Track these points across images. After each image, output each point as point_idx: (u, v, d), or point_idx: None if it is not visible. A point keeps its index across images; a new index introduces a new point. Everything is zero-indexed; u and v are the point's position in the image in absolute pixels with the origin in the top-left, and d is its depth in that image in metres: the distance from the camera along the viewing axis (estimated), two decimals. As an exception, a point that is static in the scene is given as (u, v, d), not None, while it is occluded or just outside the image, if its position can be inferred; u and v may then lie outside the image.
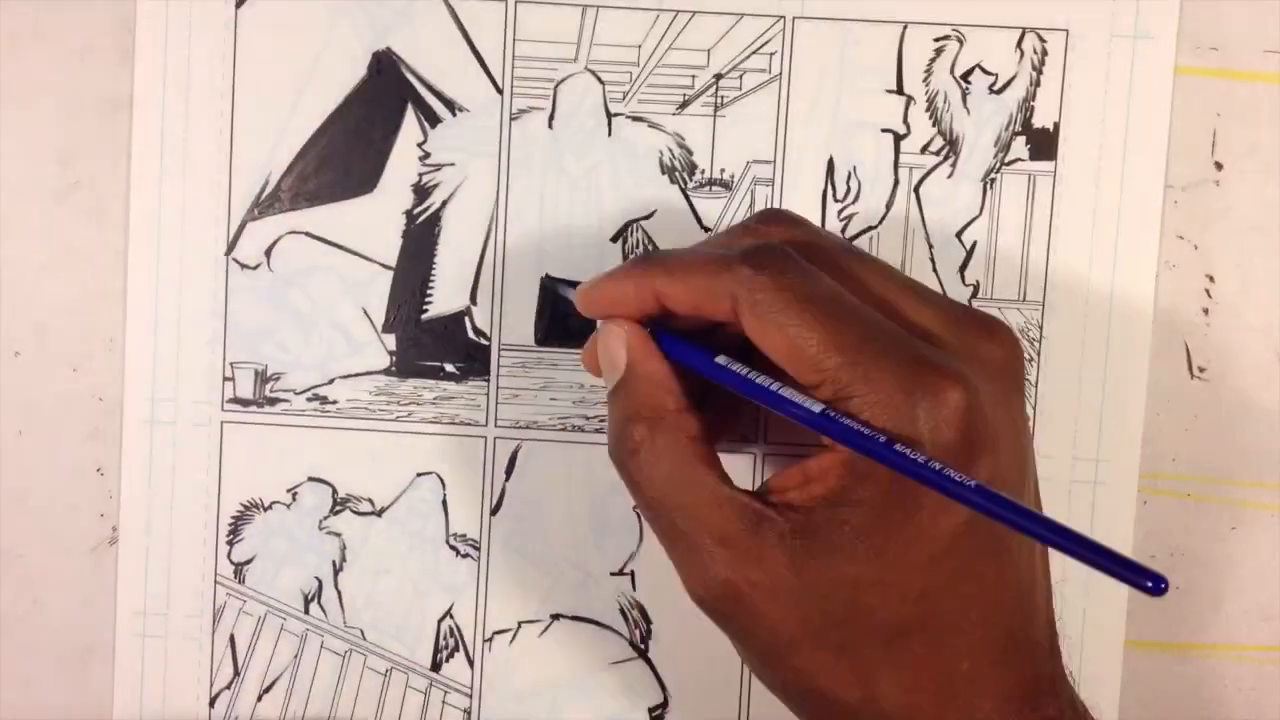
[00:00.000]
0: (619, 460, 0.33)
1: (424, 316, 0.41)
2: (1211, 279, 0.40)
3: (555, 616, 0.42)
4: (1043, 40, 0.40)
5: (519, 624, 0.42)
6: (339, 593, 0.41)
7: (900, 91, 0.40)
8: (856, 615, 0.30)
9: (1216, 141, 0.40)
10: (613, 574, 0.41)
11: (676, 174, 0.41)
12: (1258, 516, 0.41)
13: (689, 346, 0.33)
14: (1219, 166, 0.40)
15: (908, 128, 0.40)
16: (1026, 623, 0.31)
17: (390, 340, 0.41)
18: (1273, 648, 0.41)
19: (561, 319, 0.41)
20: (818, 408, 0.30)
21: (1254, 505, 0.41)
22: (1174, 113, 0.40)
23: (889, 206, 0.41)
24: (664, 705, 0.42)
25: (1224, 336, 0.41)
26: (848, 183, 0.40)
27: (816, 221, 0.40)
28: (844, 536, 0.30)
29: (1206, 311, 0.40)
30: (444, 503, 0.41)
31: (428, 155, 0.41)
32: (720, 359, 0.32)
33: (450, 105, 0.40)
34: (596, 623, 0.41)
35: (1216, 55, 0.40)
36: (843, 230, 0.41)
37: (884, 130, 0.40)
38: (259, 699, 0.42)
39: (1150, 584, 0.25)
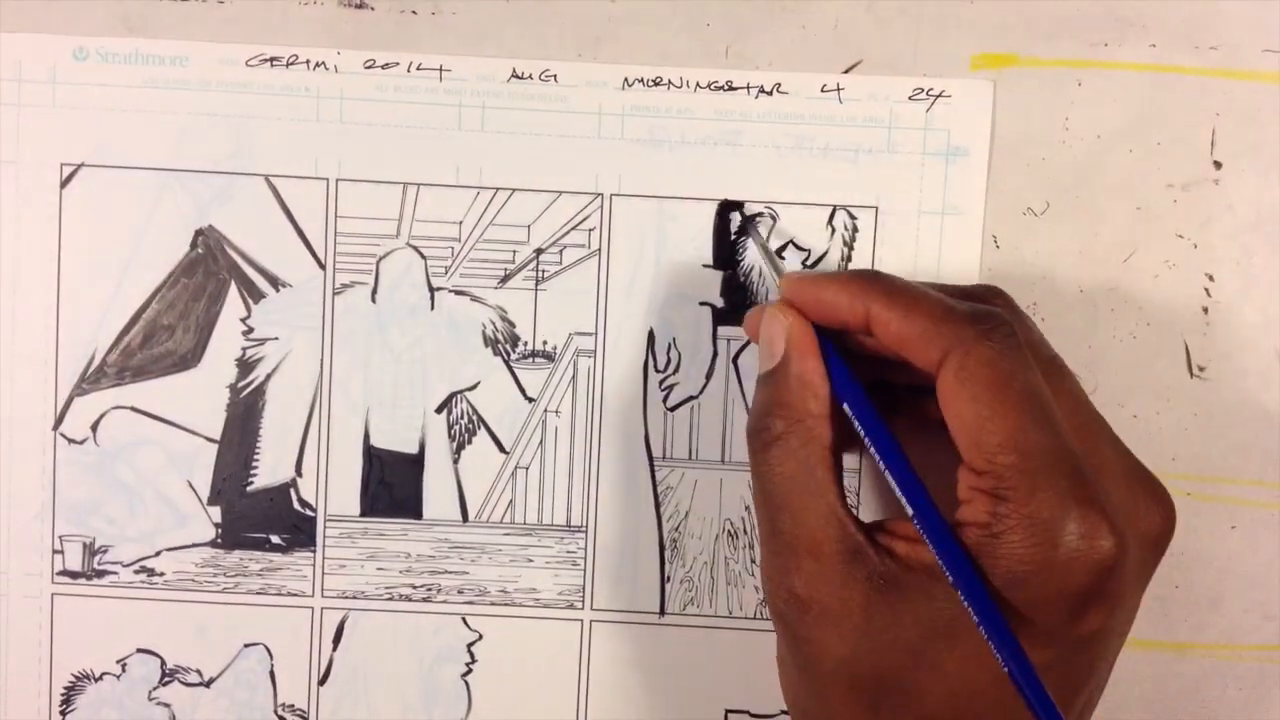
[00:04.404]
0: (751, 447, 0.34)
1: (249, 488, 0.41)
2: (1211, 278, 0.41)
3: (386, 782, 0.42)
4: (853, 217, 0.40)
5: (351, 790, 0.42)
6: (170, 762, 0.42)
7: (716, 266, 0.41)
8: (902, 686, 0.30)
9: (1216, 140, 0.40)
10: (443, 739, 0.42)
11: (500, 346, 0.41)
12: (1258, 515, 0.41)
13: (847, 373, 0.33)
14: (1218, 165, 0.40)
15: (725, 301, 0.41)
16: None
17: (216, 512, 0.41)
18: (1273, 647, 0.41)
19: (387, 489, 0.41)
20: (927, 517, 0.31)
21: (1254, 504, 0.41)
22: (1173, 111, 0.40)
23: (709, 377, 0.41)
24: None
25: (1224, 335, 0.41)
26: (668, 354, 0.41)
27: (638, 391, 0.41)
28: (929, 610, 0.30)
29: (1206, 310, 0.41)
30: (271, 673, 0.41)
31: (251, 330, 0.41)
32: (865, 408, 0.33)
33: (273, 280, 0.41)
34: (428, 788, 0.42)
35: (1215, 54, 0.40)
36: (664, 400, 0.41)
37: (702, 303, 0.41)
38: None
39: None
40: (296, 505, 0.41)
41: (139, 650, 0.41)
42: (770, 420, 0.33)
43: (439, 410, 0.41)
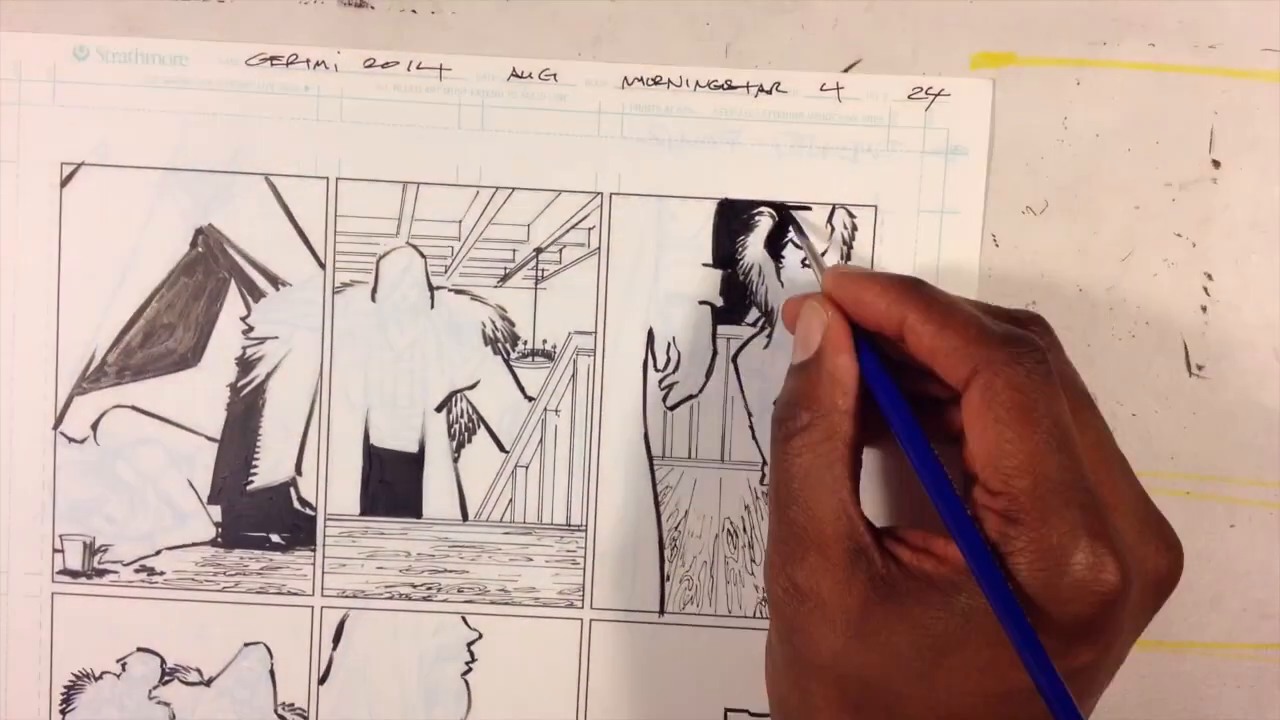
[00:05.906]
0: (774, 435, 0.34)
1: (249, 487, 0.41)
2: (1210, 277, 0.41)
3: (386, 781, 0.42)
4: (852, 216, 0.40)
5: (351, 789, 0.42)
6: (170, 761, 0.42)
7: (716, 265, 0.41)
8: (888, 693, 0.30)
9: (1214, 139, 0.40)
10: (443, 738, 0.42)
11: (499, 345, 0.41)
12: (1256, 514, 0.41)
13: (884, 376, 0.33)
14: (1217, 164, 0.40)
15: (724, 300, 0.41)
16: None
17: (216, 511, 0.41)
18: (1272, 645, 0.41)
19: (387, 488, 0.41)
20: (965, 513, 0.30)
21: (1252, 503, 0.41)
22: (1171, 110, 0.40)
23: (708, 376, 0.41)
24: None
25: (1222, 334, 0.41)
26: (668, 353, 0.41)
27: (637, 390, 0.41)
28: (925, 620, 0.30)
29: (1205, 309, 0.41)
30: (271, 672, 0.42)
31: (251, 329, 0.41)
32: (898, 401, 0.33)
33: (273, 280, 0.41)
34: (427, 787, 0.42)
35: (1214, 53, 0.40)
36: (663, 399, 0.41)
37: (701, 302, 0.41)
38: None
39: None
40: (296, 504, 0.41)
41: (139, 649, 0.41)
42: (797, 411, 0.33)
43: (439, 409, 0.41)
